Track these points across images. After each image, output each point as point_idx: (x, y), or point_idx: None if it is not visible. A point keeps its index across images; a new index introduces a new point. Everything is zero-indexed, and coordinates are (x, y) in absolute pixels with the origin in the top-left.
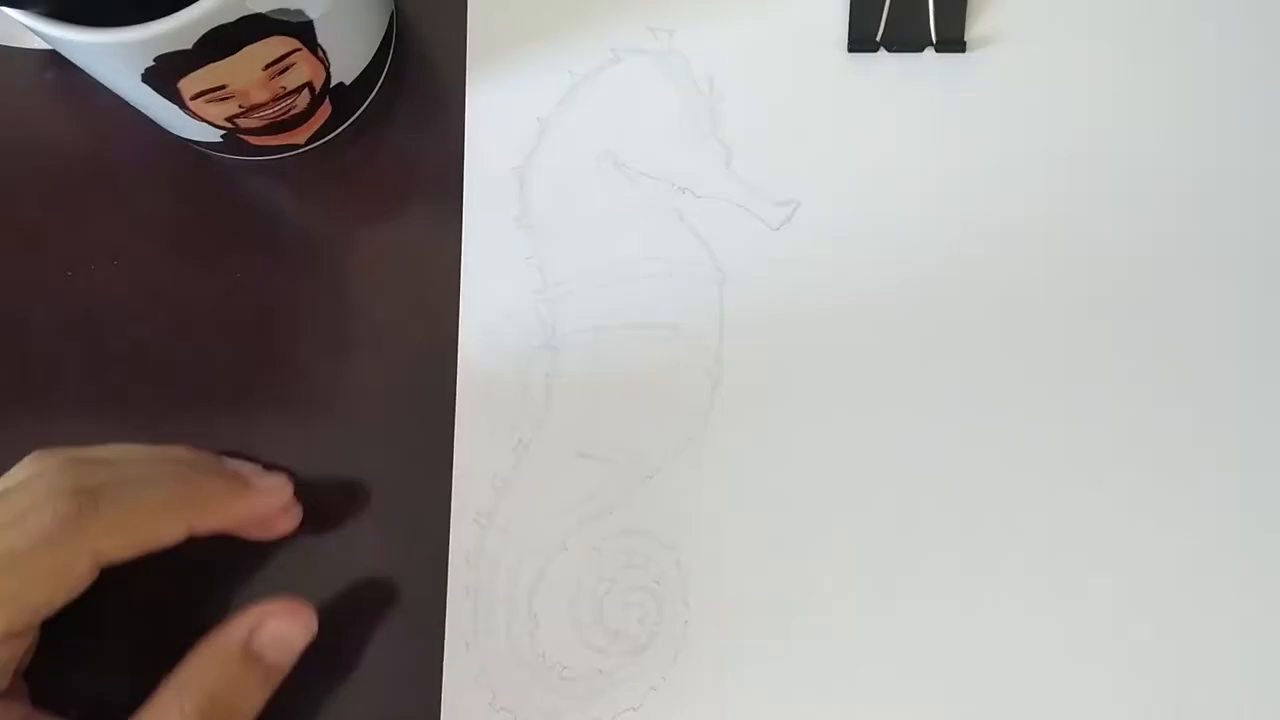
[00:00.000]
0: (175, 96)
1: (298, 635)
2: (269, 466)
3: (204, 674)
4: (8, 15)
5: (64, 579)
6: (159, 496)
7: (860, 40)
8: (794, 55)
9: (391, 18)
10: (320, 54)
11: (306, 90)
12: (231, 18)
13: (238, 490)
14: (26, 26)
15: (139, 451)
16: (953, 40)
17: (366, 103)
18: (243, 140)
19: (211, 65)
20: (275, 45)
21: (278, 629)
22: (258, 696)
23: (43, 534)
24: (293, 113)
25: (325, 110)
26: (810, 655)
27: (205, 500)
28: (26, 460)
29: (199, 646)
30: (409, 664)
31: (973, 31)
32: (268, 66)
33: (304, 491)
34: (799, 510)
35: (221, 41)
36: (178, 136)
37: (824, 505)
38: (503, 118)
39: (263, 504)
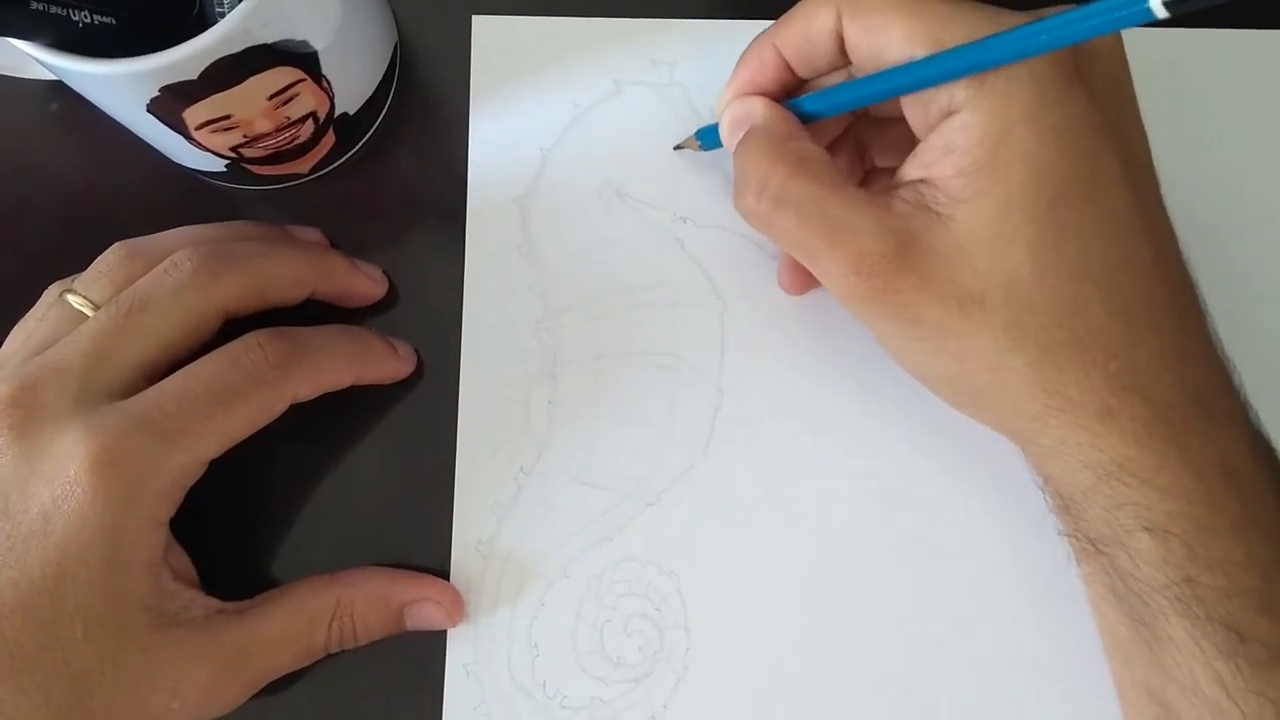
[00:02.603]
0: (180, 127)
1: (442, 624)
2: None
3: (357, 604)
4: (13, 46)
5: (263, 417)
6: (341, 351)
7: None
8: None
9: (395, 48)
10: (324, 84)
11: (310, 120)
12: (237, 49)
13: (392, 353)
14: (32, 57)
15: (323, 330)
16: None
17: (370, 132)
18: (247, 170)
19: (216, 95)
20: (280, 76)
21: (433, 616)
22: (379, 636)
23: (258, 377)
24: (296, 142)
25: (329, 140)
26: (813, 682)
27: (374, 357)
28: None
29: (368, 576)
30: (409, 692)
31: None
32: (272, 97)
33: (305, 515)
34: (800, 537)
35: (226, 72)
36: (182, 166)
37: (826, 532)
38: (505, 148)
39: (407, 368)
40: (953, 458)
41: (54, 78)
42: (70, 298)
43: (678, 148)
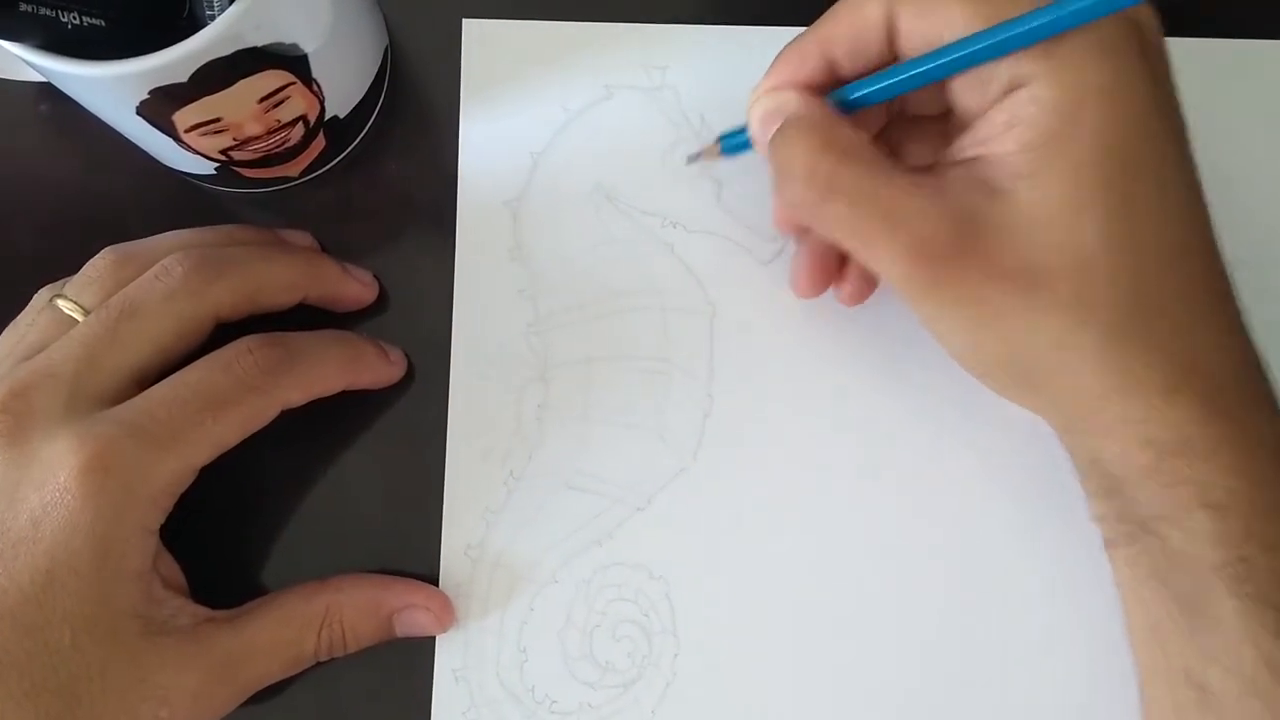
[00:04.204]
0: (169, 129)
1: (431, 630)
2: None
3: (346, 611)
4: (2, 48)
5: (254, 424)
6: (332, 357)
7: None
8: None
9: (386, 51)
10: (315, 87)
11: (301, 123)
12: (227, 51)
13: (383, 358)
14: (21, 59)
15: (314, 336)
16: None
17: (360, 136)
18: (236, 173)
19: (206, 98)
20: (270, 79)
21: (422, 622)
22: (369, 644)
23: (249, 384)
24: (287, 145)
25: (319, 143)
26: (801, 688)
27: (365, 363)
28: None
29: (357, 583)
30: (398, 697)
31: None
32: (262, 100)
33: (294, 520)
34: (789, 542)
35: (216, 75)
36: (172, 169)
37: (815, 536)
38: (496, 152)
39: (398, 372)
40: (946, 458)
41: (43, 79)
42: (60, 303)
43: (693, 158)
